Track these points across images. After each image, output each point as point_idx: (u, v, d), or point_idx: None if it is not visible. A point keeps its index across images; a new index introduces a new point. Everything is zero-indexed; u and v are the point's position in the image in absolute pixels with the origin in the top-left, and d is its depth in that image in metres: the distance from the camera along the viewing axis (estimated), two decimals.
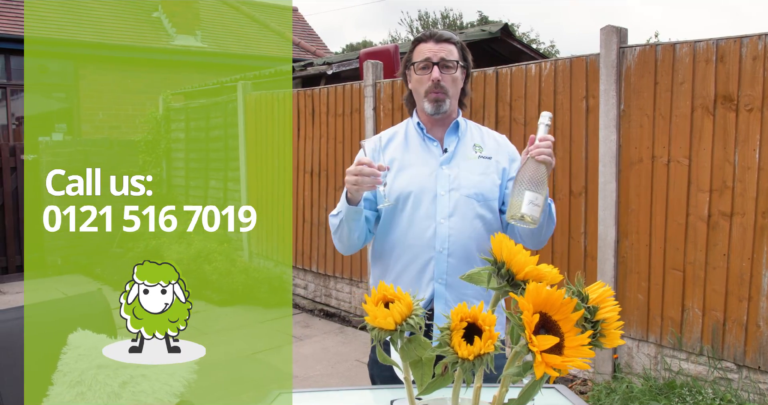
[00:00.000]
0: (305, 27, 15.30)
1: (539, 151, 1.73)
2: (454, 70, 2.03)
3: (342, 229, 1.98)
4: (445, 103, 2.03)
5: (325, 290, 6.31)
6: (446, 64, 2.01)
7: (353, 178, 1.82)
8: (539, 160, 1.73)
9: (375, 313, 1.10)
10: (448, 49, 2.03)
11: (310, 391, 2.35)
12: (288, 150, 6.62)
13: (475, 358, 1.02)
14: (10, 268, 7.97)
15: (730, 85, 3.44)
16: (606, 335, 1.08)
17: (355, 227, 1.97)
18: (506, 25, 7.78)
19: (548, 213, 1.93)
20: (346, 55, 8.40)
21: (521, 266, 1.11)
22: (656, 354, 3.84)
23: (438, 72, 1.99)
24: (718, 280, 3.55)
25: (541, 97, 4.28)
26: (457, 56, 2.04)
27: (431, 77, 2.00)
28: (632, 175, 3.87)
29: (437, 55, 2.01)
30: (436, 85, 2.00)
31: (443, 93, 2.02)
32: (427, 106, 2.03)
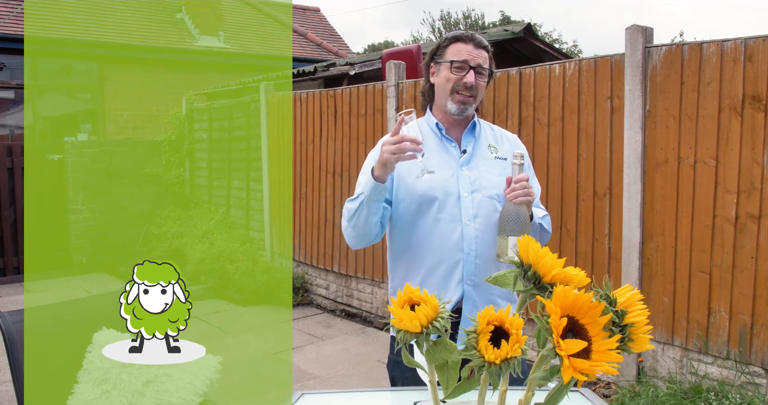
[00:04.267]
0: (327, 27, 15.33)
1: (515, 195, 1.83)
2: (486, 77, 2.06)
3: (360, 213, 1.96)
4: (471, 107, 2.05)
5: (346, 290, 6.32)
6: (481, 70, 2.03)
7: (393, 147, 1.81)
8: (516, 203, 1.82)
9: (401, 316, 1.09)
10: (484, 56, 2.05)
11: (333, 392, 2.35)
12: (310, 150, 6.63)
13: (501, 362, 1.01)
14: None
15: (758, 85, 3.39)
16: (634, 340, 1.07)
17: (375, 209, 1.94)
18: (529, 25, 7.73)
19: (539, 230, 2.03)
20: (368, 56, 8.40)
21: (548, 269, 1.10)
22: (682, 358, 3.79)
23: (473, 76, 2.00)
24: (746, 283, 3.49)
25: (565, 97, 4.25)
26: (489, 64, 2.06)
27: (466, 80, 2.00)
28: (658, 177, 3.83)
29: (476, 59, 2.02)
30: (470, 88, 2.01)
31: (473, 97, 2.03)
32: (451, 106, 2.03)
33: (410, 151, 1.81)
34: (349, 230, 2.04)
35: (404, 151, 1.81)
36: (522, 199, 1.81)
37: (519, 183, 1.82)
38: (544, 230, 2.06)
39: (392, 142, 1.81)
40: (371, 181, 1.89)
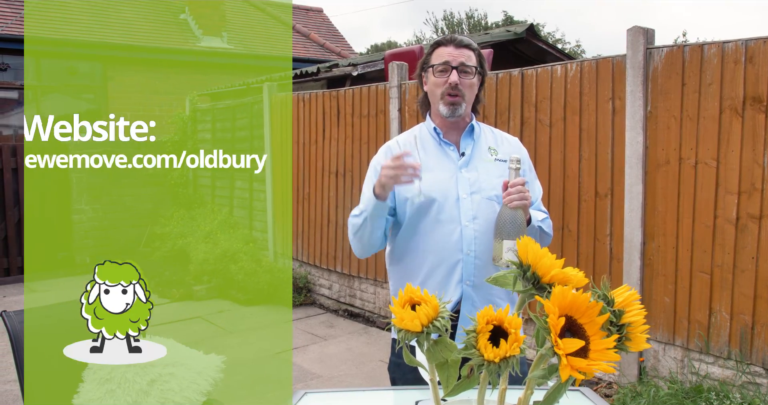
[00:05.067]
0: (330, 28, 15.34)
1: (510, 199, 1.84)
2: (472, 75, 2.06)
3: (365, 227, 2.01)
4: (460, 107, 2.05)
5: (349, 291, 6.34)
6: (465, 68, 2.04)
7: (391, 172, 1.86)
8: (512, 207, 1.83)
9: (402, 315, 1.11)
10: (468, 55, 2.06)
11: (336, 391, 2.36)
12: (313, 151, 6.65)
13: (500, 361, 1.03)
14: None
15: (759, 86, 3.40)
16: (632, 339, 1.09)
17: (378, 225, 2.00)
18: (532, 26, 7.75)
19: (538, 233, 2.03)
20: (371, 56, 8.42)
21: (547, 269, 1.12)
22: (683, 357, 3.81)
23: (456, 76, 2.02)
24: (747, 283, 3.51)
25: (566, 98, 4.26)
26: (475, 62, 2.07)
27: (449, 80, 2.02)
28: (659, 177, 3.84)
29: (457, 59, 2.03)
30: (454, 87, 2.02)
31: (460, 96, 2.04)
32: (442, 109, 2.06)
33: (407, 177, 1.86)
34: (355, 242, 2.10)
35: (400, 178, 1.86)
36: (517, 203, 1.82)
37: (515, 187, 1.84)
38: (545, 233, 2.07)
39: (391, 167, 1.86)
40: (372, 199, 1.95)
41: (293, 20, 14.11)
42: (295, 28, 13.84)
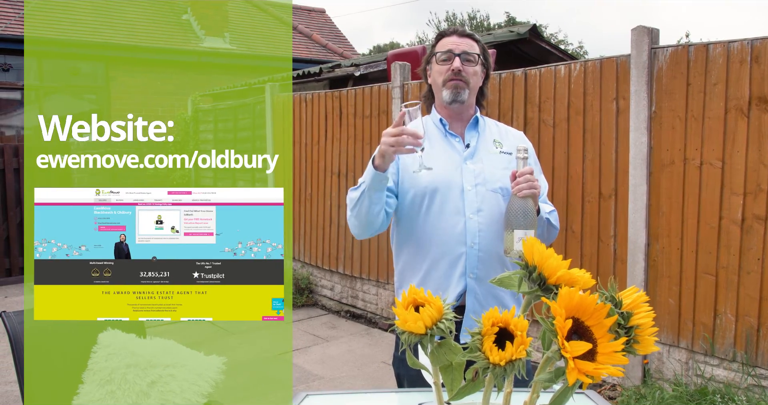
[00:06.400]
0: (332, 28, 15.34)
1: (519, 188, 1.82)
2: (475, 63, 2.05)
3: (362, 202, 1.95)
4: (464, 92, 2.03)
5: (351, 292, 6.32)
6: (468, 56, 2.04)
7: (392, 139, 1.79)
8: (521, 196, 1.81)
9: (405, 317, 1.08)
10: (470, 44, 2.06)
11: (338, 393, 2.35)
12: (315, 151, 6.64)
13: (506, 364, 1.01)
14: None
15: (765, 86, 3.38)
16: (640, 341, 1.07)
17: (377, 198, 1.93)
18: (534, 26, 7.72)
19: (546, 225, 2.02)
20: (373, 57, 8.40)
21: (553, 270, 1.10)
22: (687, 359, 3.78)
23: (459, 62, 2.01)
24: (752, 284, 3.48)
25: (570, 98, 4.24)
26: (479, 51, 2.07)
27: (452, 66, 2.01)
28: (663, 178, 3.81)
29: (459, 47, 2.03)
30: (457, 73, 2.01)
31: (463, 81, 2.02)
32: (445, 94, 2.04)
33: (409, 145, 1.79)
34: (352, 219, 2.03)
35: (403, 145, 1.79)
36: (527, 192, 1.80)
37: (523, 176, 1.82)
38: (552, 225, 2.04)
39: (392, 134, 1.79)
40: (371, 169, 1.88)
41: (295, 21, 14.11)
42: (298, 28, 13.83)
